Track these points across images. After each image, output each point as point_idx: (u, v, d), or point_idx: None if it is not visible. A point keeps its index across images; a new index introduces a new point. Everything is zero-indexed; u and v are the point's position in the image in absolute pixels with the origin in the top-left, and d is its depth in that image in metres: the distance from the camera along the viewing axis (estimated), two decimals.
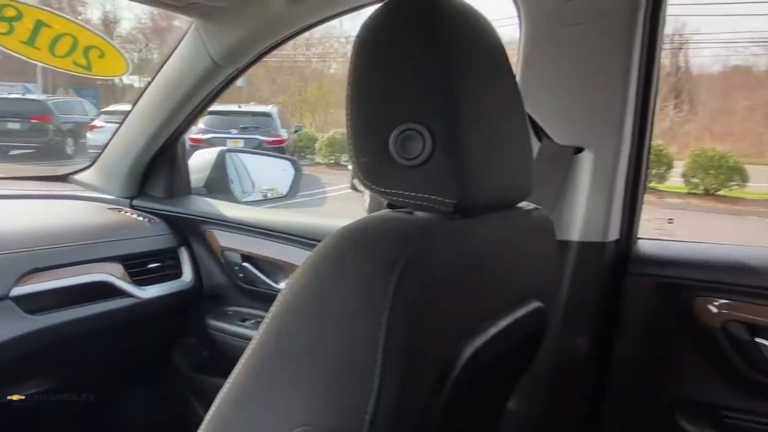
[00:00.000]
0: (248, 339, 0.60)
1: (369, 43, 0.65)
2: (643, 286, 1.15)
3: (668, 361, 1.16)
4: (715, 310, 1.09)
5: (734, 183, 8.97)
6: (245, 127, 10.12)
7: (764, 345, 1.05)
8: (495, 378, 0.79)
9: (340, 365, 0.54)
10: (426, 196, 0.62)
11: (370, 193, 0.66)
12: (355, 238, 0.59)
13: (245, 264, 1.59)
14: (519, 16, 1.17)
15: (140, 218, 1.63)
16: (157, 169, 1.71)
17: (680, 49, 11.58)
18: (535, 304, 0.77)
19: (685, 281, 1.13)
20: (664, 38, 1.17)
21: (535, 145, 1.15)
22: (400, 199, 0.63)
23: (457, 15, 0.65)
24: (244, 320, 1.59)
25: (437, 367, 0.59)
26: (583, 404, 1.20)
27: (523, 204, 0.77)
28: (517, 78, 0.93)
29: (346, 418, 0.52)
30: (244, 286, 1.60)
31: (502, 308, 0.71)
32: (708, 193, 8.99)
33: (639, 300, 1.16)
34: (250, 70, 1.60)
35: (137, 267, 1.48)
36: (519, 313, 0.73)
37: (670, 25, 10.34)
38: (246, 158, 2.06)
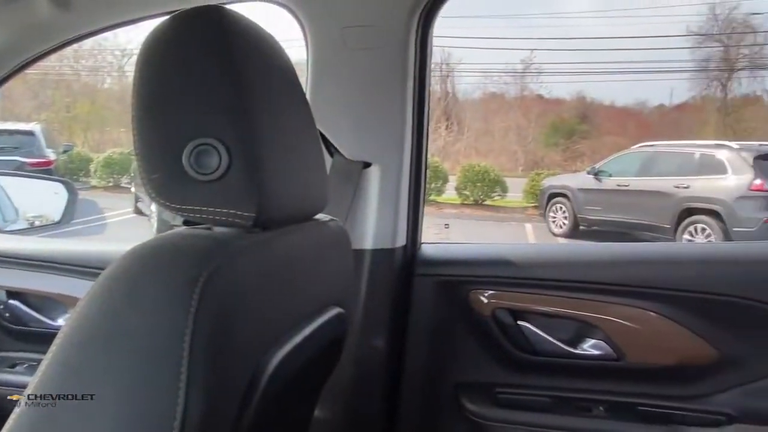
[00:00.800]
0: (21, 387, 0.54)
1: (156, 57, 0.63)
2: (428, 286, 1.28)
3: (451, 350, 1.30)
4: (485, 300, 1.25)
5: (497, 193, 10.32)
6: (1, 148, 8.72)
7: (524, 327, 1.24)
8: (301, 386, 0.81)
9: (141, 391, 0.51)
10: (224, 210, 0.62)
11: (158, 215, 0.64)
12: (151, 256, 0.56)
13: (12, 302, 1.40)
14: (305, 38, 1.23)
15: None
16: None
17: (448, 76, 13.00)
18: (336, 311, 0.81)
19: (462, 278, 1.28)
20: (432, 66, 1.33)
21: (327, 160, 1.22)
22: (197, 215, 0.62)
23: (245, 32, 0.66)
24: (13, 366, 1.40)
25: (244, 380, 0.59)
26: (381, 402, 1.29)
27: (319, 216, 0.81)
28: (307, 96, 0.98)
29: None
30: (12, 327, 1.41)
31: (305, 316, 0.74)
32: (477, 203, 10.19)
33: (425, 298, 1.28)
34: (7, 83, 1.42)
35: None
36: (321, 319, 0.77)
37: (437, 55, 11.57)
38: (5, 181, 1.80)
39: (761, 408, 1.14)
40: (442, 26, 1.27)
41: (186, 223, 0.66)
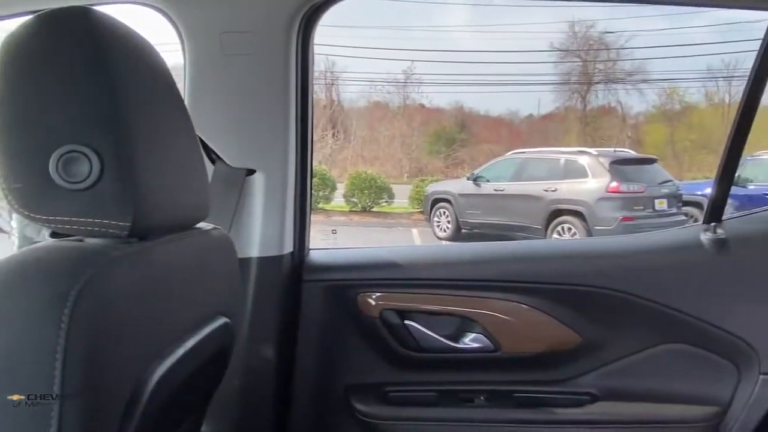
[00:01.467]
0: None
1: (18, 59, 0.59)
2: (316, 291, 1.29)
3: (341, 353, 1.32)
4: (373, 302, 1.29)
5: (384, 200, 10.54)
6: None
7: (411, 325, 1.29)
8: (186, 399, 0.79)
9: (8, 413, 0.48)
10: (97, 220, 0.59)
11: (19, 231, 0.60)
12: (14, 273, 0.53)
13: None
14: (182, 43, 1.20)
15: None
16: None
17: (333, 84, 13.06)
18: (222, 321, 0.80)
19: (350, 281, 1.30)
20: (317, 74, 1.34)
21: (209, 167, 1.19)
22: (67, 227, 0.59)
23: (115, 33, 0.64)
24: None
25: (125, 396, 0.57)
26: (272, 411, 1.27)
27: (201, 224, 0.80)
28: (186, 102, 0.95)
29: None
30: None
31: (189, 328, 0.72)
32: (365, 210, 10.33)
33: (314, 304, 1.29)
34: None
35: None
36: (206, 330, 0.75)
37: (322, 64, 11.59)
38: None
39: (619, 386, 1.27)
40: (325, 35, 1.29)
41: (54, 235, 0.62)
